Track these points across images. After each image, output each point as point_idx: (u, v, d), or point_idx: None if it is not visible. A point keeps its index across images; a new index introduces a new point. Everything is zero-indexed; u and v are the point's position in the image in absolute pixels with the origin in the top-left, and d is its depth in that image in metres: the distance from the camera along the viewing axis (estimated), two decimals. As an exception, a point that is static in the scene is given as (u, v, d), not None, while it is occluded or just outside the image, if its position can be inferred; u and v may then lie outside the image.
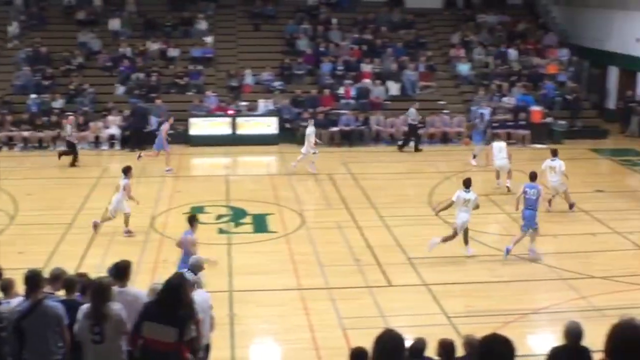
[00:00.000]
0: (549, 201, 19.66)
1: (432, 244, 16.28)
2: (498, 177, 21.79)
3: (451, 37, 33.49)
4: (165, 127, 24.29)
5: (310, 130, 23.85)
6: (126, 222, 17.74)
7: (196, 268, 11.51)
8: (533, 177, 17.07)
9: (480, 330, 10.26)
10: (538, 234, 16.62)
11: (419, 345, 9.70)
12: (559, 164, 19.84)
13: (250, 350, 12.53)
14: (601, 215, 19.49)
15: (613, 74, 33.04)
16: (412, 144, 27.26)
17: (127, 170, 18.08)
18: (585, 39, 34.12)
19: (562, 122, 29.15)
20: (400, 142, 27.61)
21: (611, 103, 33.00)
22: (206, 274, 11.80)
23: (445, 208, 17.19)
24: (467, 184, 16.72)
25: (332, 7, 34.71)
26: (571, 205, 19.91)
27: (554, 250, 17.11)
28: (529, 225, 16.34)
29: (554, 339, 12.88)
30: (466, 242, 16.63)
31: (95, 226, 17.57)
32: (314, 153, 23.60)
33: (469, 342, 9.33)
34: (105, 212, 17.81)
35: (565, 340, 8.08)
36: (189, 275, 10.10)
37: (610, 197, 21.24)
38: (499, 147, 22.07)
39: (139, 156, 23.57)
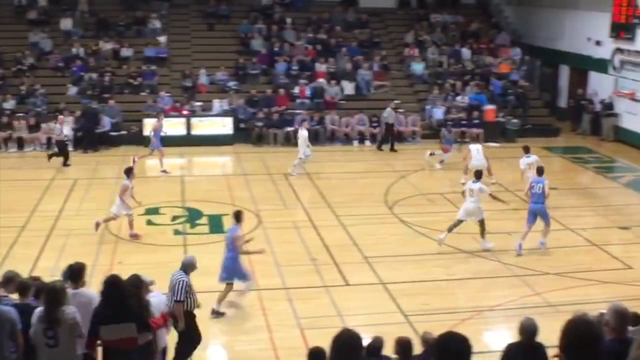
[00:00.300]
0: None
1: (440, 238, 16.89)
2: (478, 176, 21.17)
3: (405, 37, 33.67)
4: (154, 125, 24.10)
5: (305, 133, 23.90)
6: (130, 225, 17.61)
7: (189, 267, 11.51)
8: (540, 171, 17.53)
9: (437, 328, 10.33)
10: (549, 228, 17.15)
11: (376, 343, 9.74)
12: (534, 159, 20.27)
13: (208, 352, 12.45)
14: (554, 213, 19.70)
15: (564, 73, 33.53)
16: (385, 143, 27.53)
17: (128, 172, 17.98)
18: (537, 38, 34.58)
19: (515, 120, 29.49)
20: (378, 142, 27.84)
21: (563, 101, 33.50)
22: (167, 275, 11.69)
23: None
24: (477, 175, 17.58)
25: (286, 7, 34.70)
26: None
27: (509, 247, 17.27)
28: (544, 219, 16.95)
29: (510, 335, 13.02)
30: (482, 235, 17.10)
31: (97, 225, 17.46)
32: (306, 156, 23.67)
33: (426, 340, 9.40)
34: (109, 213, 17.72)
35: (520, 336, 8.17)
36: (145, 277, 10.02)
37: (563, 194, 21.52)
38: (477, 149, 22.53)
39: (134, 160, 23.08)
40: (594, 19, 30.34)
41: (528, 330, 8.11)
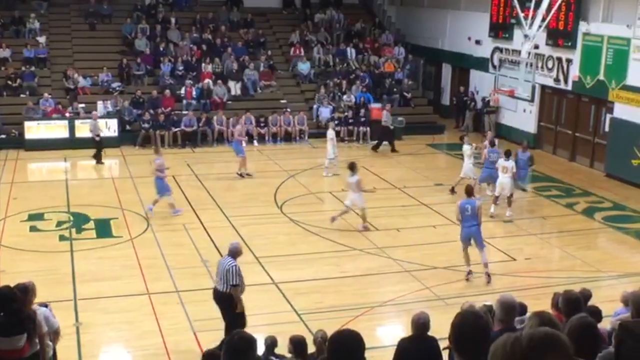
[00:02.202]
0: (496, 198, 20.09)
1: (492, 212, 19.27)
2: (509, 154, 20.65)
3: (290, 36, 33.80)
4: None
5: (332, 133, 24.07)
6: (364, 218, 18.30)
7: (237, 253, 11.98)
8: (508, 153, 19.91)
9: (330, 325, 10.45)
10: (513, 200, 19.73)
11: (270, 342, 9.78)
12: (511, 164, 19.83)
13: (99, 360, 12.21)
14: (440, 208, 20.23)
15: (447, 72, 34.40)
16: (380, 145, 27.55)
17: (353, 167, 18.41)
18: (420, 37, 35.32)
19: (400, 118, 30.01)
20: (374, 143, 27.78)
21: (446, 99, 34.34)
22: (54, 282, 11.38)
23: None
24: (507, 154, 19.86)
25: (170, 7, 34.25)
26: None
27: (398, 243, 17.59)
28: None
29: (402, 329, 13.31)
30: (509, 204, 19.67)
31: (333, 219, 18.29)
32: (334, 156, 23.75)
33: (320, 338, 9.49)
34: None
35: (412, 331, 8.35)
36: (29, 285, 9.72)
37: (449, 189, 22.00)
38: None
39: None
40: (474, 19, 31.23)
41: (419, 324, 8.29)
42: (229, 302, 11.74)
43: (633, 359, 3.92)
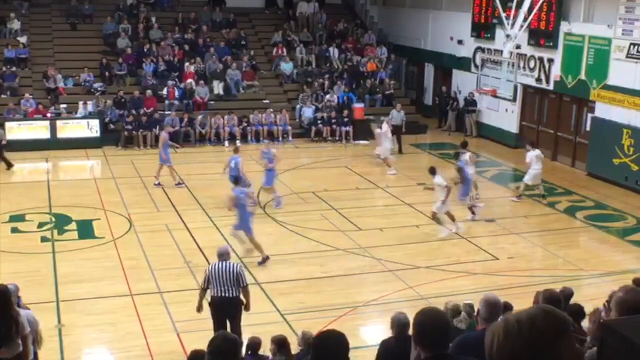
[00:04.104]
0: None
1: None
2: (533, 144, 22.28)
3: (273, 36, 33.76)
4: (162, 136, 22.87)
5: (384, 128, 24.25)
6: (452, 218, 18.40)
7: (229, 254, 12.06)
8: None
9: (314, 325, 10.47)
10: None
11: (253, 343, 9.77)
12: (538, 152, 21.07)
13: (81, 362, 12.15)
14: (423, 207, 20.25)
15: (430, 71, 34.48)
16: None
17: (433, 171, 18.64)
18: (402, 37, 35.38)
19: (383, 118, 30.02)
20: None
21: (429, 99, 34.42)
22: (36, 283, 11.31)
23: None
24: (533, 145, 21.36)
25: (152, 6, 34.13)
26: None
27: (381, 243, 17.61)
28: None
29: (385, 329, 13.32)
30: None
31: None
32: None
33: (305, 338, 9.50)
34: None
35: (392, 331, 8.36)
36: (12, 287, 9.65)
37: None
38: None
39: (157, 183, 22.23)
40: (456, 19, 31.32)
41: (400, 324, 8.31)
42: (240, 307, 11.56)
43: (615, 358, 3.94)
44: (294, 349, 9.75)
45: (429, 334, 4.46)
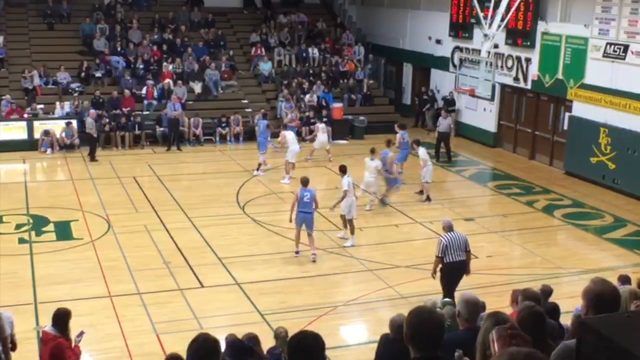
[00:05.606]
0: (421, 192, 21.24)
1: None
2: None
3: (251, 37, 33.69)
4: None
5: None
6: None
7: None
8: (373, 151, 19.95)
9: (294, 325, 10.46)
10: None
11: (232, 341, 9.76)
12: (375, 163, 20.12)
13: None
14: (402, 207, 20.32)
15: (408, 71, 34.55)
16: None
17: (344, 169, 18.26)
18: (381, 37, 35.45)
19: (362, 117, 30.13)
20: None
21: (407, 99, 34.50)
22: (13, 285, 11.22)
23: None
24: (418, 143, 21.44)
25: (130, 6, 33.95)
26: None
27: (361, 242, 17.64)
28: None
29: (365, 328, 13.37)
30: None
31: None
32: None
33: (277, 332, 9.56)
34: None
35: (392, 334, 8.35)
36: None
37: (410, 189, 22.11)
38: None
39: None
40: (434, 19, 31.41)
41: (398, 326, 8.33)
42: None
43: (593, 356, 3.97)
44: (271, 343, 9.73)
45: (421, 336, 4.46)
